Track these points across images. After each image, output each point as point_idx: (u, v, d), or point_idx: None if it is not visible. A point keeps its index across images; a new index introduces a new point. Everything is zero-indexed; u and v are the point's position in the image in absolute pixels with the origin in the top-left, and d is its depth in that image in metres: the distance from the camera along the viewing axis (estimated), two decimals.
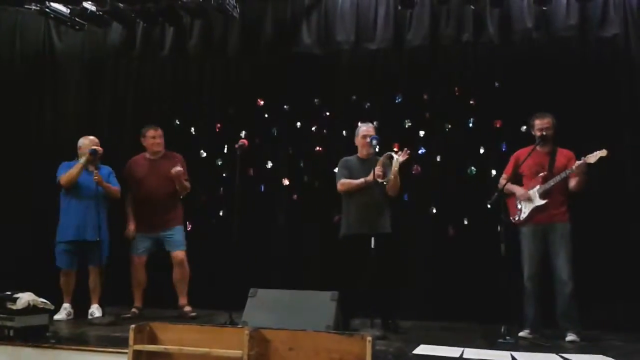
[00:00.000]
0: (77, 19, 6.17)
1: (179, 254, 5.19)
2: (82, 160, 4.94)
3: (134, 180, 5.24)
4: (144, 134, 5.33)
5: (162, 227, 5.18)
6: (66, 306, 4.96)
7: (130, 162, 5.36)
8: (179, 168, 5.11)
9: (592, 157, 4.23)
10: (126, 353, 2.81)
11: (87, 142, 5.10)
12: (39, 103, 6.49)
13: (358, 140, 4.76)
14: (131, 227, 5.19)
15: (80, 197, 4.98)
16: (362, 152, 4.73)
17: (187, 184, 5.27)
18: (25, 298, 3.74)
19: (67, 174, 4.95)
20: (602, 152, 4.20)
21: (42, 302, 3.85)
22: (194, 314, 5.09)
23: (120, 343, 3.36)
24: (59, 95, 6.56)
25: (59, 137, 6.36)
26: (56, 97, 6.56)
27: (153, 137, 5.29)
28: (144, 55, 6.41)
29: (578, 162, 4.26)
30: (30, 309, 3.74)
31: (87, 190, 4.95)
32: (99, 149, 5.03)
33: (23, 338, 3.60)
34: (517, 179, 4.58)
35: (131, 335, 2.78)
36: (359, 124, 4.90)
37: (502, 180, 4.60)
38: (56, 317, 4.73)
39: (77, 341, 3.74)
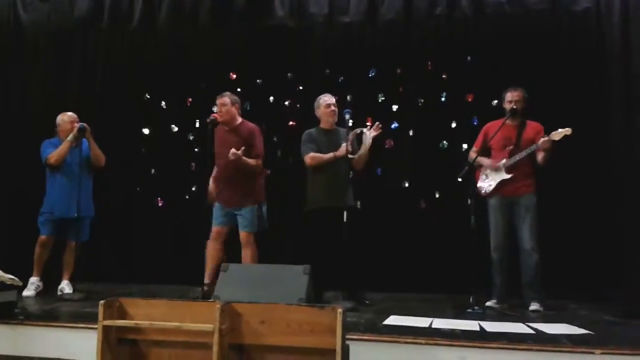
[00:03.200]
0: None
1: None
2: (70, 137, 4.90)
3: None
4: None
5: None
6: (34, 280, 4.90)
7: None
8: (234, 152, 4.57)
9: (557, 135, 4.29)
10: (96, 328, 2.79)
11: (66, 119, 5.06)
12: (4, 76, 6.30)
13: (321, 111, 4.75)
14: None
15: (64, 174, 4.94)
16: (326, 122, 4.74)
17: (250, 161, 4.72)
18: None
19: (57, 152, 4.90)
20: (567, 131, 4.27)
21: (10, 278, 3.79)
22: None
23: (90, 318, 3.34)
24: (26, 68, 6.37)
25: (27, 111, 6.21)
26: (23, 70, 6.37)
27: (215, 106, 4.88)
28: (112, 27, 6.26)
29: (542, 139, 4.32)
30: None
31: (70, 167, 4.92)
32: (86, 125, 4.93)
33: None
34: (486, 152, 4.65)
35: (100, 310, 2.75)
36: (320, 95, 4.86)
37: (472, 154, 4.67)
38: (25, 293, 4.70)
39: (47, 317, 3.71)
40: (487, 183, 4.57)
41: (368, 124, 5.33)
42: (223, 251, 4.79)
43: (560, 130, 4.28)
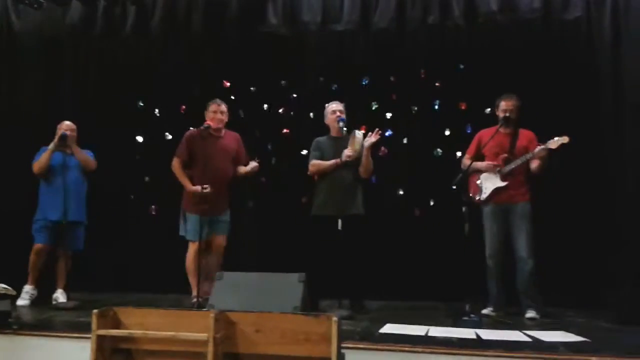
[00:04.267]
0: None
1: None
2: (51, 145, 4.93)
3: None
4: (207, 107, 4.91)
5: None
6: (28, 289, 4.86)
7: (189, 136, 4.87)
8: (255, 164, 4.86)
9: (553, 143, 4.29)
10: (90, 338, 2.76)
11: (63, 127, 5.06)
12: None
13: (329, 119, 4.76)
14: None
15: (53, 180, 4.95)
16: (333, 130, 4.74)
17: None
18: None
19: (38, 161, 4.94)
20: (564, 139, 4.26)
21: (3, 287, 3.77)
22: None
23: (84, 328, 3.31)
24: (19, 76, 6.36)
25: (19, 118, 6.18)
26: (15, 78, 6.36)
27: (214, 112, 4.84)
28: (105, 34, 6.26)
29: (539, 147, 4.32)
30: None
31: (58, 173, 4.91)
32: (69, 132, 4.96)
33: None
34: (480, 159, 4.66)
35: (94, 320, 2.71)
36: (329, 103, 4.87)
37: (466, 161, 4.67)
38: (19, 302, 4.66)
39: (41, 327, 3.67)
40: (481, 191, 4.57)
41: (362, 131, 5.34)
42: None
43: (556, 138, 4.28)
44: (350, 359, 2.75)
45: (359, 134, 4.52)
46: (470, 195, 4.61)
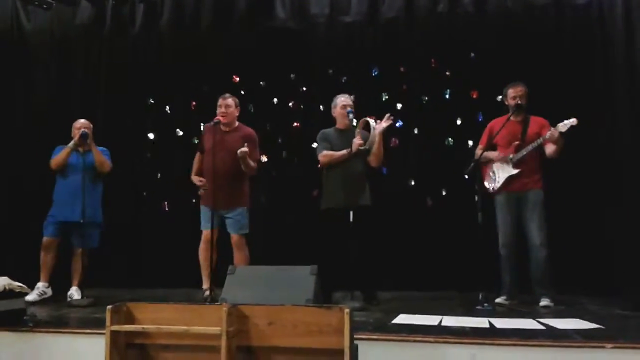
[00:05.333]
0: None
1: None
2: (71, 143, 4.96)
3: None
4: None
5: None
6: (39, 285, 4.91)
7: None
8: (245, 149, 4.59)
9: (563, 126, 4.25)
10: (104, 334, 2.79)
11: (75, 125, 5.09)
12: (9, 85, 6.34)
13: (336, 112, 4.72)
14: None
15: (68, 179, 4.98)
16: (341, 123, 4.71)
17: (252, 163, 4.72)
18: (0, 283, 3.70)
19: (56, 157, 4.99)
20: (573, 121, 4.22)
21: (19, 286, 3.80)
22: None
23: (98, 324, 3.33)
24: (30, 77, 6.41)
25: (32, 118, 6.24)
26: (27, 78, 6.41)
27: (219, 106, 4.84)
28: (115, 32, 6.29)
29: (549, 132, 4.29)
30: (6, 294, 3.69)
31: (74, 172, 4.95)
32: (87, 131, 4.98)
33: (0, 323, 3.56)
34: (492, 149, 4.62)
35: (108, 316, 2.74)
36: (337, 95, 4.86)
37: (478, 151, 4.64)
38: (27, 297, 4.68)
39: (55, 324, 3.71)
40: (494, 180, 4.54)
41: (372, 120, 5.33)
42: (216, 254, 4.73)
43: (565, 121, 4.24)
44: (363, 350, 2.76)
45: (372, 122, 4.49)
46: (484, 184, 4.58)
